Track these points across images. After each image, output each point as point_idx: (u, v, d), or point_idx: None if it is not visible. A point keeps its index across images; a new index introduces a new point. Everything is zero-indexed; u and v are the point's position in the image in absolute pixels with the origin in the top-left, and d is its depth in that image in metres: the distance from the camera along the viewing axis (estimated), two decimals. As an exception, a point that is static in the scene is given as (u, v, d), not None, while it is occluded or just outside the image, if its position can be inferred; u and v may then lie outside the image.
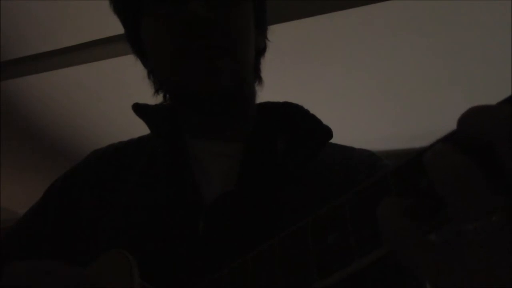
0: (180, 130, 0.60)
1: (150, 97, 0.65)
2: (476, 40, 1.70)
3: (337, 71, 1.89)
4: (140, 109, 0.62)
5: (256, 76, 0.64)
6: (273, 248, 0.35)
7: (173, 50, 0.54)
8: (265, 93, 0.65)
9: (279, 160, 0.55)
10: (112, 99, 2.09)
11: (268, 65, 0.67)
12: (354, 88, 1.98)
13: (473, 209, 0.23)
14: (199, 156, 0.58)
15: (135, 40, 0.61)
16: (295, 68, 1.80)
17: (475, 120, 0.24)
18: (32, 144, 2.43)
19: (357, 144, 0.63)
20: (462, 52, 1.76)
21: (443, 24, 1.64)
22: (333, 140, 0.60)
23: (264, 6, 0.63)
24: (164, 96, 0.64)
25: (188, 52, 0.53)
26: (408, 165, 0.27)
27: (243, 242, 0.40)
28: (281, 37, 0.67)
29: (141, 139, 0.67)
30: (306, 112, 0.61)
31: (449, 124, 0.28)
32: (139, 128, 0.66)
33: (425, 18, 1.62)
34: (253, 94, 0.63)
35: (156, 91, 0.64)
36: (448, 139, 0.26)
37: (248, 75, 0.60)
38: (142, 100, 0.64)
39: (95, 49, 1.76)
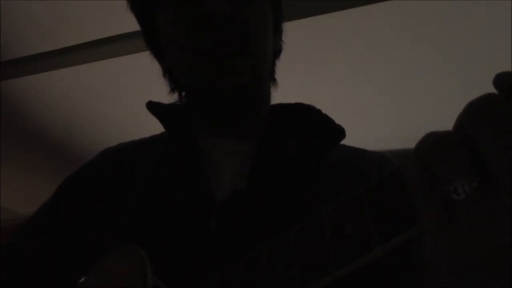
0: (192, 128, 0.60)
1: (151, 97, 0.65)
2: (476, 40, 1.70)
3: (337, 71, 1.89)
4: (153, 107, 0.62)
5: (271, 77, 0.64)
6: (288, 240, 0.36)
7: (190, 46, 0.54)
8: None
9: (290, 159, 0.55)
10: (112, 99, 2.09)
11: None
12: (354, 88, 1.98)
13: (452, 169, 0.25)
14: (211, 154, 0.58)
15: (152, 37, 0.61)
16: (294, 68, 1.80)
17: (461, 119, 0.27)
18: (32, 144, 2.42)
19: (356, 144, 0.63)
20: (463, 52, 1.76)
21: (443, 24, 1.64)
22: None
23: (281, 6, 0.62)
24: (179, 95, 0.64)
25: (205, 49, 0.53)
26: None
27: (255, 239, 0.40)
28: (281, 37, 0.67)
29: (153, 138, 0.67)
30: (319, 112, 0.62)
31: (449, 124, 0.28)
32: (139, 128, 0.67)
33: (425, 18, 1.62)
34: (268, 95, 0.63)
35: (172, 90, 0.64)
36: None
37: (265, 75, 0.60)
38: (142, 100, 0.64)
39: (95, 49, 1.76)
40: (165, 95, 0.65)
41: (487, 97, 0.25)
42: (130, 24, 0.63)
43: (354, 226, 0.31)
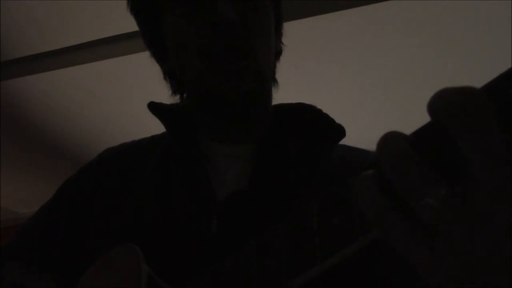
0: (194, 131, 0.60)
1: (151, 97, 0.65)
2: (476, 40, 1.70)
3: (337, 71, 1.89)
4: (155, 108, 0.62)
5: (272, 78, 0.64)
6: (277, 231, 0.36)
7: (198, 51, 0.54)
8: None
9: (291, 160, 0.56)
10: (112, 99, 2.09)
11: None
12: (354, 88, 1.98)
13: (416, 184, 0.25)
14: (212, 157, 0.58)
15: (154, 40, 0.61)
16: (294, 68, 1.80)
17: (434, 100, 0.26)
18: (32, 144, 2.43)
19: (356, 144, 0.63)
20: (462, 52, 1.76)
21: (443, 24, 1.64)
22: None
23: (281, 10, 0.63)
24: (181, 97, 0.64)
25: (212, 53, 0.53)
26: None
27: None
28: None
29: (154, 138, 0.67)
30: (319, 111, 0.62)
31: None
32: (140, 128, 0.66)
33: (425, 18, 1.62)
34: (269, 97, 0.63)
35: (174, 92, 0.64)
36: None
37: (269, 78, 0.60)
38: (142, 100, 0.64)
39: (95, 49, 1.76)
40: (165, 95, 0.65)
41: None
42: (130, 24, 0.63)
43: (341, 218, 0.32)
